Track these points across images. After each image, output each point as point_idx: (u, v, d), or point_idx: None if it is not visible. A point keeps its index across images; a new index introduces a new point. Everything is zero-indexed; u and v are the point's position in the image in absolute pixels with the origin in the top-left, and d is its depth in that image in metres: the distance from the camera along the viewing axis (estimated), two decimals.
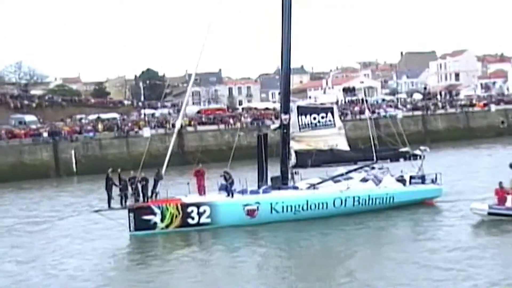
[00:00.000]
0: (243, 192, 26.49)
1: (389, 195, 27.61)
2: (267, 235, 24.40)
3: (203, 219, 25.40)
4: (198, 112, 70.39)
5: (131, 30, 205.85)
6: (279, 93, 32.38)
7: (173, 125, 57.66)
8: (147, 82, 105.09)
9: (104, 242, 24.41)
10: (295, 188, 27.86)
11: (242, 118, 61.73)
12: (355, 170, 28.75)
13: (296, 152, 29.24)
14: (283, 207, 26.06)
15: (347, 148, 30.22)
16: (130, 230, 24.98)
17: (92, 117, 69.30)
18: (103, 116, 69.30)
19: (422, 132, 62.96)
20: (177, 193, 26.93)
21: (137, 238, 24.67)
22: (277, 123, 32.25)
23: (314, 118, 29.88)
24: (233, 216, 25.50)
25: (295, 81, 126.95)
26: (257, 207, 25.80)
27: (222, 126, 58.87)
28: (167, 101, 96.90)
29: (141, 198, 25.49)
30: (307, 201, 26.33)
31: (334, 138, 29.96)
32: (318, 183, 27.90)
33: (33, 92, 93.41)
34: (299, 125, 29.67)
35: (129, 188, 25.32)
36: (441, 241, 21.84)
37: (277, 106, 64.81)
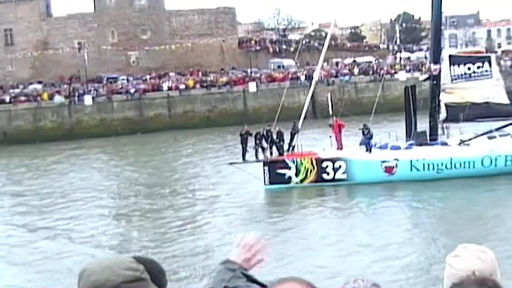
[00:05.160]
0: (382, 147, 25.24)
1: None
2: (406, 193, 23.23)
3: (339, 175, 24.71)
4: None
5: None
6: None
7: (429, 69, 55.61)
8: (403, 25, 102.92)
9: (240, 194, 24.75)
10: (444, 144, 25.90)
11: (501, 62, 56.50)
12: None
13: (446, 105, 27.11)
14: (424, 165, 24.40)
15: (506, 101, 27.36)
16: (265, 184, 25.05)
17: (348, 60, 69.42)
18: (359, 59, 69.13)
19: None
20: None
21: (272, 192, 24.71)
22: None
23: (469, 68, 27.46)
24: (370, 172, 24.43)
25: None
26: (396, 164, 24.45)
27: None
28: (423, 44, 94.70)
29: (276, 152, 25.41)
30: (451, 160, 24.37)
31: (491, 90, 27.25)
32: (469, 139, 25.66)
33: (290, 37, 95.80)
34: (451, 75, 27.40)
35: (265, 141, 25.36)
36: None
37: None
